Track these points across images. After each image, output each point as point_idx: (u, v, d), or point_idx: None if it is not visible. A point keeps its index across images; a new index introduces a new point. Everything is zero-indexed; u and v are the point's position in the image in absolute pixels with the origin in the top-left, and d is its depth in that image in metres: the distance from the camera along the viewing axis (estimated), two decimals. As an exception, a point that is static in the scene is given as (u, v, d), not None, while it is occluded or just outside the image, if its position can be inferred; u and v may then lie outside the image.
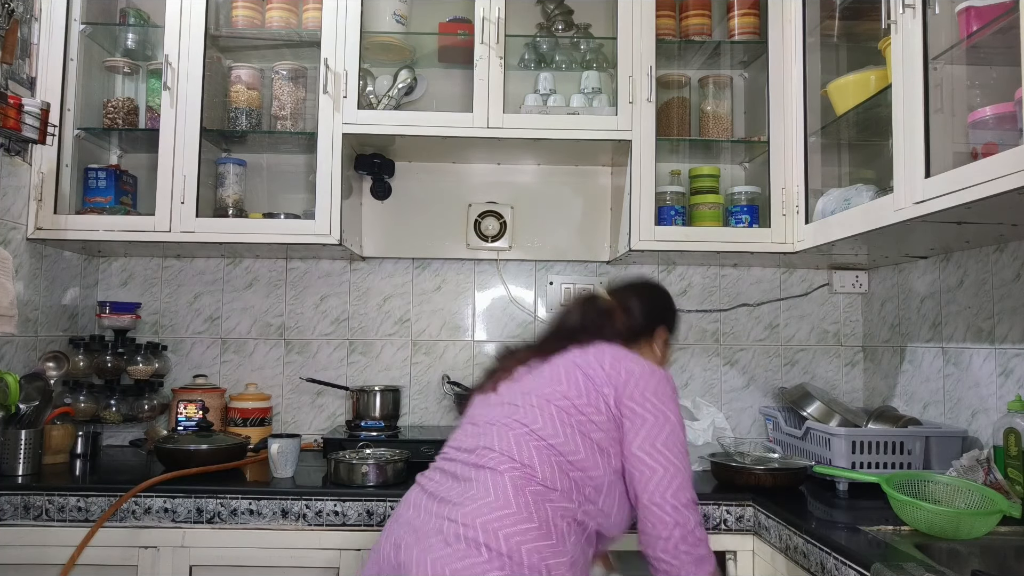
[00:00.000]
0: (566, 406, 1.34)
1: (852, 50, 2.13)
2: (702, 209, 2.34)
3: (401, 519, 1.32)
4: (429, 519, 1.26)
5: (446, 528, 1.22)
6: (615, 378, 1.36)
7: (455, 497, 1.27)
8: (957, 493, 1.55)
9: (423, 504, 1.31)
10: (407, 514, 1.31)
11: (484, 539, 1.19)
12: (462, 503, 1.25)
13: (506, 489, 1.25)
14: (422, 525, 1.26)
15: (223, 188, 2.35)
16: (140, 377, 2.34)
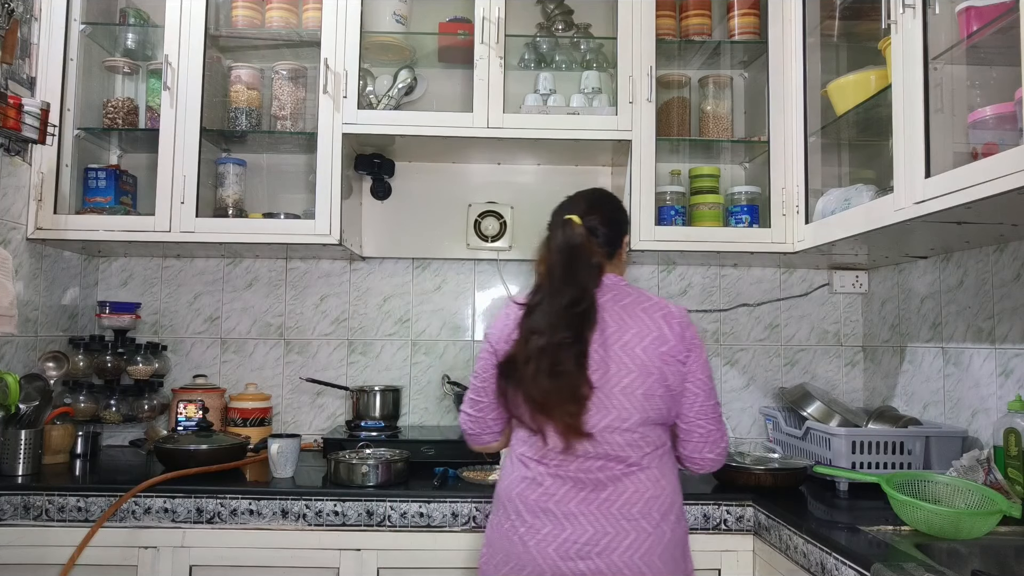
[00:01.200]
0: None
1: (852, 50, 2.12)
2: (702, 209, 2.34)
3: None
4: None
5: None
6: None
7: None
8: (957, 493, 1.55)
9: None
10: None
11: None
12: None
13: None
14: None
15: (223, 188, 2.35)
16: (140, 377, 2.34)
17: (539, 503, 1.43)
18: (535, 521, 1.42)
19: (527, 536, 1.42)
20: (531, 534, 1.42)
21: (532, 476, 1.45)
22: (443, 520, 1.79)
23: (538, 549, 1.41)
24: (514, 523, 1.44)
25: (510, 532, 1.45)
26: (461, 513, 1.79)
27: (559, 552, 1.39)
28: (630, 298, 1.52)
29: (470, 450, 2.06)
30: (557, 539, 1.40)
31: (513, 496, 1.46)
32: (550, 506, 1.42)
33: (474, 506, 1.80)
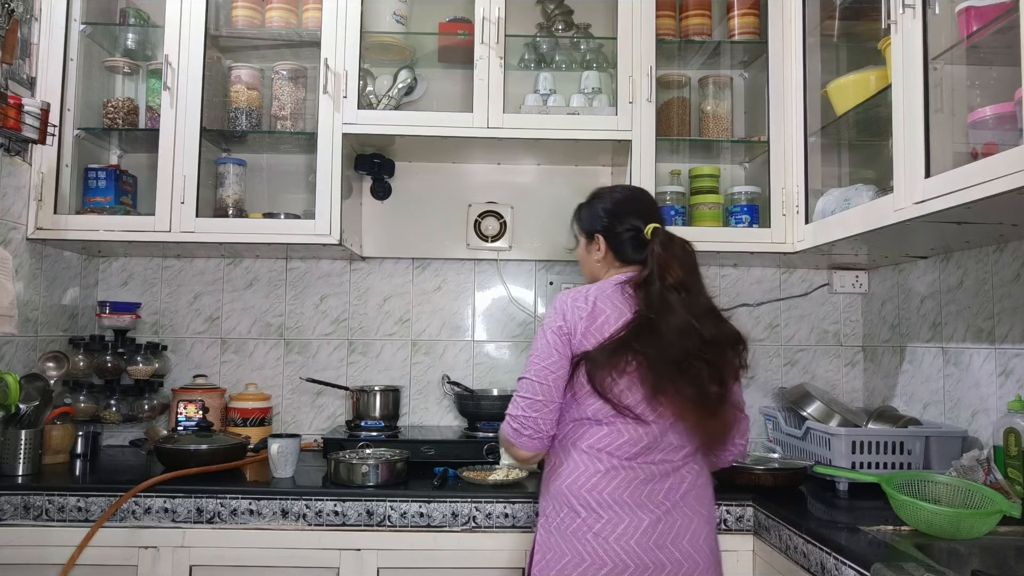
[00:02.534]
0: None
1: (852, 50, 2.12)
2: (702, 209, 2.34)
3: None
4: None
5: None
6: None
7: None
8: (957, 493, 1.55)
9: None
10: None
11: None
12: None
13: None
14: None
15: (223, 188, 2.35)
16: (140, 377, 2.34)
17: (615, 496, 1.44)
18: (612, 515, 1.43)
19: (605, 531, 1.43)
20: (610, 528, 1.43)
21: (606, 469, 1.46)
22: (443, 520, 1.79)
23: (619, 543, 1.42)
24: (586, 520, 1.44)
25: (582, 530, 1.44)
26: (461, 513, 1.79)
27: (640, 544, 1.42)
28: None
29: (469, 450, 2.07)
30: (637, 531, 1.42)
31: (583, 492, 1.46)
32: (625, 497, 1.44)
33: (474, 506, 1.79)
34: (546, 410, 1.48)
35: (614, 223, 1.61)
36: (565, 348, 1.48)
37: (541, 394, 1.48)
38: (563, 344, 1.48)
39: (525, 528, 1.79)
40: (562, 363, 1.48)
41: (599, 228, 1.63)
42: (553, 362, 1.48)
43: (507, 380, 2.52)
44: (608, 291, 1.52)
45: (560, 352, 1.48)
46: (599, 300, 1.50)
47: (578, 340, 1.48)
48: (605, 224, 1.62)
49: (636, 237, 1.58)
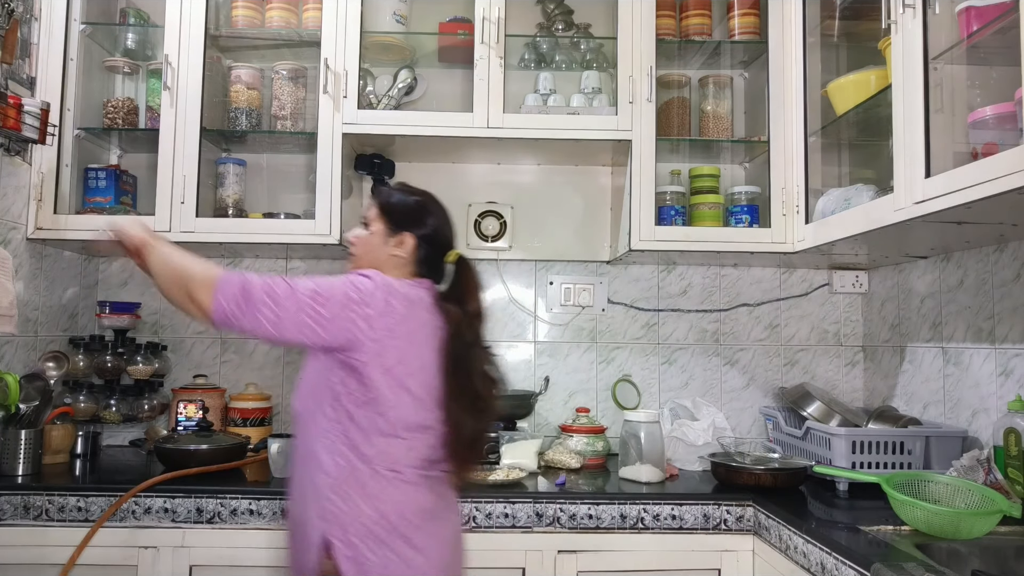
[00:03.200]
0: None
1: (852, 50, 2.12)
2: (702, 209, 2.34)
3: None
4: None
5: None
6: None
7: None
8: (957, 493, 1.55)
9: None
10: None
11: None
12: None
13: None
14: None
15: (223, 188, 2.35)
16: (140, 377, 2.34)
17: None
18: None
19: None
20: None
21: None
22: (443, 520, 1.79)
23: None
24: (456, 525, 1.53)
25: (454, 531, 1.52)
26: (461, 513, 1.79)
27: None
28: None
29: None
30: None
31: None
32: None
33: (474, 506, 1.80)
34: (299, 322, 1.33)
35: (434, 233, 1.50)
36: (363, 321, 1.33)
37: (321, 311, 1.33)
38: (357, 323, 1.33)
39: (525, 528, 1.79)
40: (335, 328, 1.33)
41: (414, 229, 1.49)
42: (333, 315, 1.33)
43: (507, 380, 2.51)
44: (421, 298, 1.43)
45: (346, 324, 1.33)
46: (418, 305, 1.41)
47: (373, 338, 1.34)
48: (420, 226, 1.49)
49: (438, 254, 1.51)
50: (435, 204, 1.55)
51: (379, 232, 1.50)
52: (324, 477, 1.35)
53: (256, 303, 1.36)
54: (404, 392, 1.37)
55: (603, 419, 2.43)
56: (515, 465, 2.02)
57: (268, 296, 1.36)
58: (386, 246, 1.49)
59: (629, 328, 2.53)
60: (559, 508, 1.81)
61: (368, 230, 1.52)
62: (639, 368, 2.52)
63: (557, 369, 2.52)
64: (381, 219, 1.51)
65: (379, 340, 1.35)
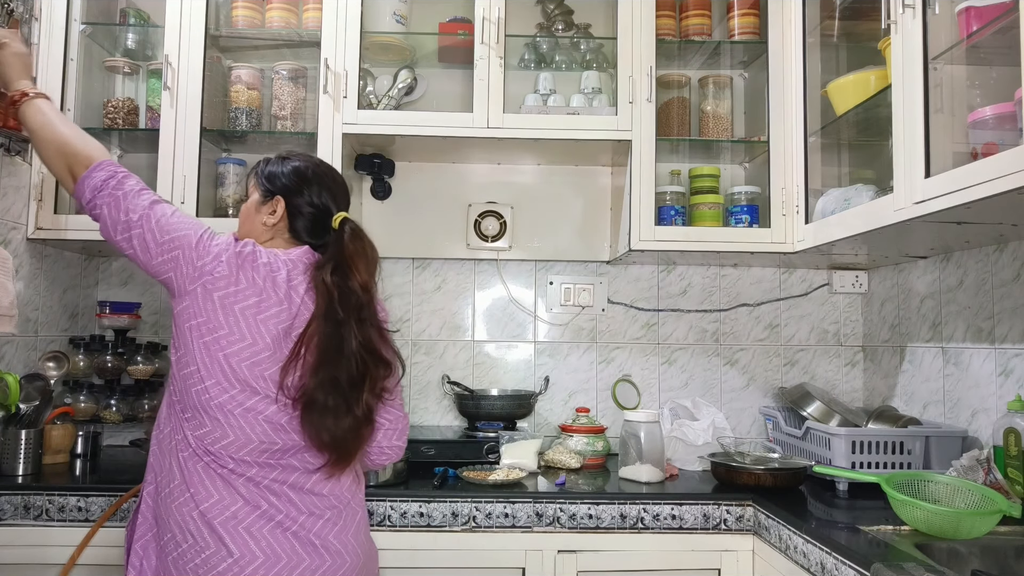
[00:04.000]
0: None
1: (852, 50, 2.12)
2: (702, 209, 2.34)
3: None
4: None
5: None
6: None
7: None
8: (957, 493, 1.55)
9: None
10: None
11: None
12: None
13: None
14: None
15: (223, 188, 2.35)
16: (140, 377, 2.34)
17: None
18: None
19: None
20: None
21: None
22: (443, 520, 1.79)
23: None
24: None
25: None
26: (461, 513, 1.79)
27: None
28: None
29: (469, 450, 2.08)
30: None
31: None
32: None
33: (474, 506, 1.80)
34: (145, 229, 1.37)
35: (303, 192, 1.45)
36: (186, 264, 1.36)
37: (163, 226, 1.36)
38: (181, 265, 1.36)
39: (525, 528, 1.79)
40: (173, 253, 1.36)
41: (283, 191, 1.45)
42: (163, 244, 1.36)
43: (507, 380, 2.52)
44: (272, 265, 1.36)
45: (169, 262, 1.37)
46: (264, 271, 1.35)
47: (188, 290, 1.35)
48: (292, 190, 1.45)
49: (318, 217, 1.45)
50: (315, 167, 1.50)
51: (254, 200, 1.48)
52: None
53: (106, 196, 1.38)
54: (216, 365, 1.30)
55: (603, 419, 2.43)
56: (515, 465, 2.02)
57: (122, 196, 1.38)
58: (259, 214, 1.46)
59: (629, 328, 2.54)
60: (559, 508, 1.81)
61: (248, 200, 1.50)
62: (639, 368, 2.52)
63: (557, 369, 2.52)
64: (256, 187, 1.49)
65: (192, 293, 1.35)
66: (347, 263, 1.38)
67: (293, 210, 1.45)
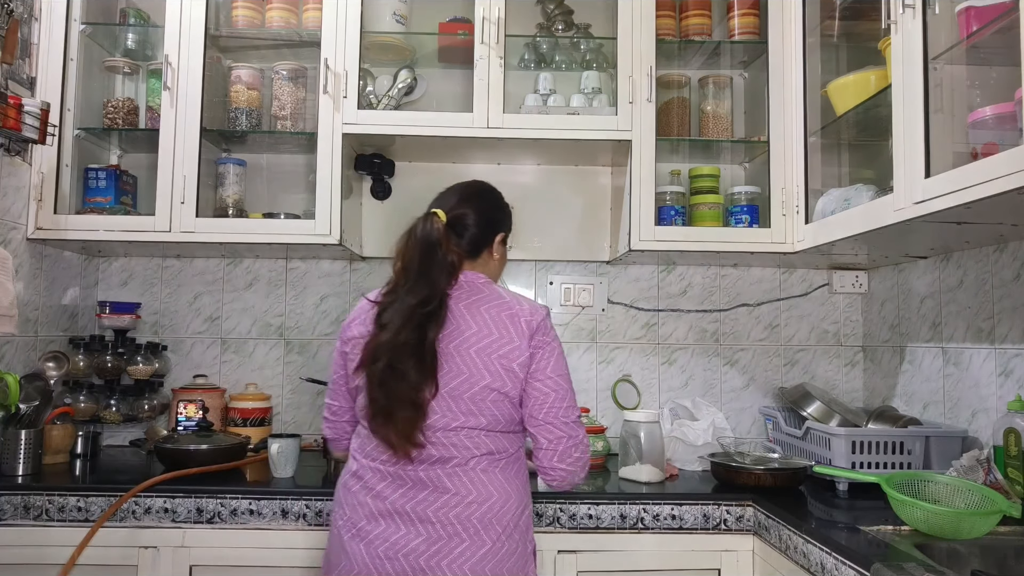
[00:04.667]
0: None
1: (852, 50, 2.12)
2: (702, 209, 2.34)
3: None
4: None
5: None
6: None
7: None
8: (957, 493, 1.55)
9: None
10: None
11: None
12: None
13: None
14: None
15: (223, 188, 2.35)
16: (140, 377, 2.34)
17: (358, 497, 1.43)
18: (352, 514, 1.43)
19: (345, 530, 1.43)
20: (347, 527, 1.43)
21: (354, 469, 1.48)
22: (443, 520, 1.79)
23: (354, 547, 1.40)
24: (335, 519, 1.48)
25: (338, 530, 1.46)
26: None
27: (387, 552, 1.37)
28: (478, 296, 1.47)
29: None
30: (369, 536, 1.39)
31: (339, 486, 1.50)
32: (367, 500, 1.41)
33: (474, 506, 1.79)
34: (334, 407, 1.63)
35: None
36: (341, 358, 1.56)
37: (332, 393, 1.64)
38: (340, 356, 1.57)
39: (525, 528, 1.79)
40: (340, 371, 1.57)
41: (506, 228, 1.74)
42: (337, 374, 1.60)
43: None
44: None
45: (338, 363, 1.58)
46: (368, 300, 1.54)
47: (345, 343, 1.54)
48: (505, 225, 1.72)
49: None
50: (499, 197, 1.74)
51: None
52: None
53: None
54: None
55: (603, 419, 2.43)
56: (515, 465, 2.01)
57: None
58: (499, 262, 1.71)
59: (629, 328, 2.54)
60: (559, 508, 1.81)
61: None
62: (639, 368, 2.52)
63: (557, 369, 2.52)
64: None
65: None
66: (395, 260, 1.55)
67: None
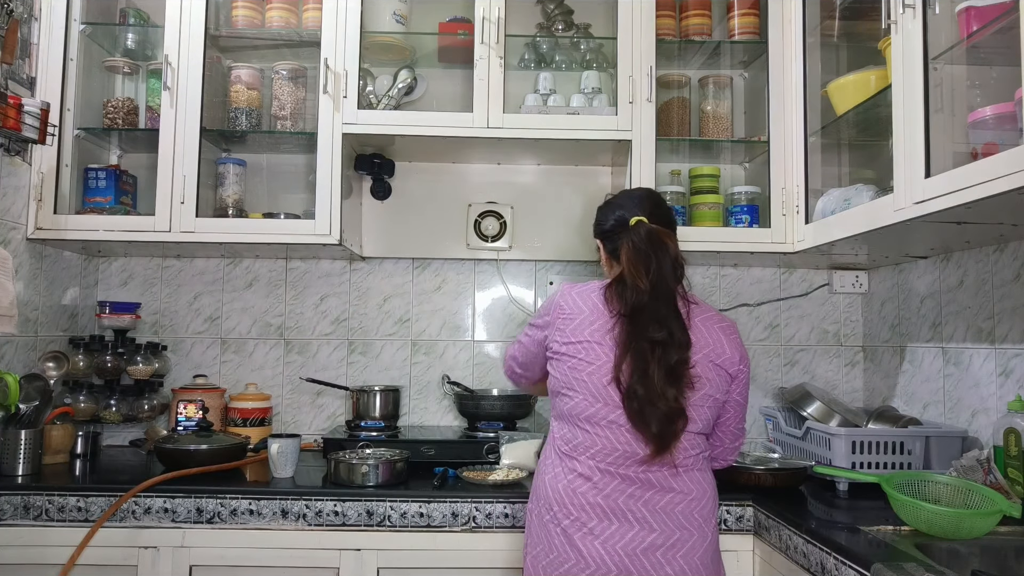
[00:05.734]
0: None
1: (852, 50, 2.12)
2: (702, 209, 2.34)
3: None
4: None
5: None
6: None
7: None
8: (957, 493, 1.55)
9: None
10: None
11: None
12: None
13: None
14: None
15: (223, 188, 2.35)
16: (140, 377, 2.34)
17: (587, 498, 1.44)
18: (582, 515, 1.43)
19: (571, 528, 1.43)
20: (576, 527, 1.43)
21: (581, 471, 1.46)
22: (443, 520, 1.79)
23: (585, 543, 1.42)
24: (555, 515, 1.45)
25: (553, 525, 1.45)
26: (461, 513, 1.79)
27: (606, 548, 1.41)
28: (690, 307, 1.53)
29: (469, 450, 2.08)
30: (603, 535, 1.42)
31: (559, 488, 1.47)
32: (599, 500, 1.44)
33: (474, 506, 1.79)
34: (529, 373, 1.69)
35: (603, 223, 1.64)
36: (540, 346, 1.59)
37: (526, 361, 1.66)
38: (539, 341, 1.59)
39: (525, 528, 1.79)
40: (539, 357, 1.61)
41: (597, 233, 1.67)
42: (533, 354, 1.62)
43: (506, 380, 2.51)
44: (593, 290, 1.54)
45: (536, 349, 1.61)
46: (581, 298, 1.53)
47: (552, 337, 1.54)
48: (600, 227, 1.65)
49: (621, 233, 1.57)
50: (613, 197, 1.71)
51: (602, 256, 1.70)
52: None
53: (507, 368, 1.77)
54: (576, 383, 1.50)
55: (603, 419, 2.42)
56: (515, 465, 2.02)
57: (508, 358, 1.75)
58: (602, 263, 1.69)
59: (629, 328, 2.53)
60: (559, 508, 1.80)
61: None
62: (639, 368, 2.52)
63: (557, 369, 2.52)
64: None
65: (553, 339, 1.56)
66: (628, 270, 1.49)
67: (607, 243, 1.63)
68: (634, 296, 1.46)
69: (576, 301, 1.53)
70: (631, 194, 1.67)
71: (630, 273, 1.48)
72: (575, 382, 1.48)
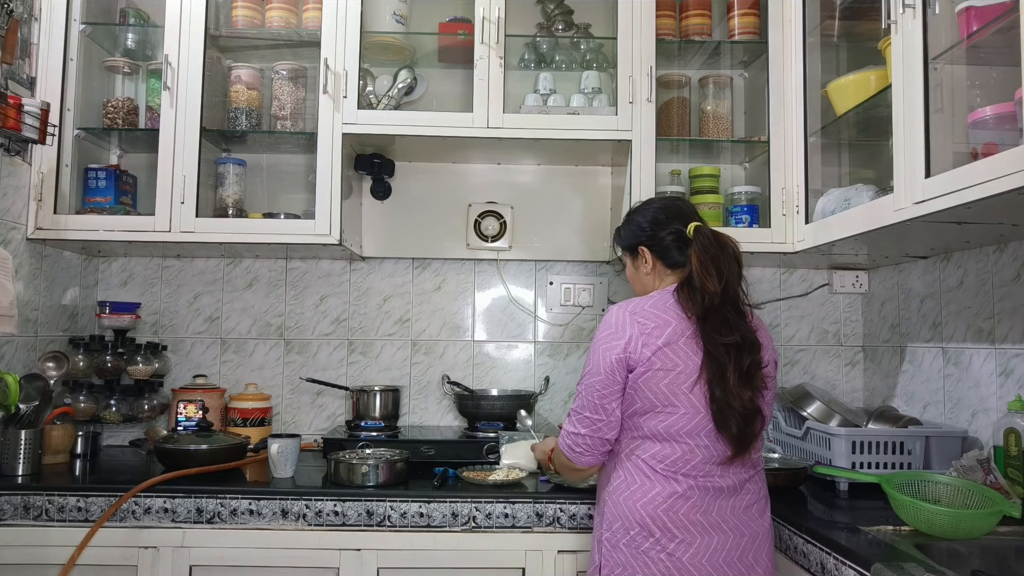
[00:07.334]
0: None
1: (852, 50, 2.12)
2: (702, 209, 2.32)
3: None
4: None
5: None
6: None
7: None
8: (957, 493, 1.55)
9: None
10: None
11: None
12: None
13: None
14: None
15: (223, 188, 2.35)
16: (140, 377, 2.34)
17: (689, 516, 1.44)
18: (687, 535, 1.43)
19: (679, 551, 1.42)
20: (684, 549, 1.42)
21: (681, 491, 1.44)
22: (443, 520, 1.79)
23: (693, 563, 1.42)
24: (659, 540, 1.43)
25: (655, 549, 1.43)
26: (461, 513, 1.79)
27: (711, 562, 1.42)
28: (746, 308, 1.57)
29: (469, 450, 2.06)
30: (709, 549, 1.43)
31: (659, 513, 1.44)
32: (698, 517, 1.44)
33: (474, 506, 1.79)
34: (602, 426, 1.49)
35: (656, 230, 1.60)
36: (623, 374, 1.47)
37: (599, 412, 1.49)
38: (622, 371, 1.47)
39: (525, 528, 1.79)
40: (619, 390, 1.48)
41: (642, 240, 1.62)
42: (610, 391, 1.48)
43: (507, 380, 2.52)
44: (660, 300, 1.52)
45: (619, 380, 1.48)
46: (654, 311, 1.50)
47: (636, 359, 1.46)
48: (648, 234, 1.61)
49: (679, 239, 1.57)
50: (645, 205, 1.68)
51: (629, 263, 1.68)
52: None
53: (566, 447, 1.56)
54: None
55: (603, 419, 2.42)
56: (515, 465, 2.02)
57: (566, 436, 1.56)
58: (639, 271, 1.64)
59: (629, 328, 2.53)
60: (559, 508, 1.81)
61: (626, 267, 1.69)
62: (639, 368, 2.52)
63: (557, 369, 2.52)
64: (623, 251, 1.68)
65: (638, 360, 1.48)
66: (698, 273, 1.49)
67: (657, 249, 1.60)
68: (706, 299, 1.47)
69: (646, 309, 1.50)
70: (670, 204, 1.65)
71: (700, 275, 1.48)
72: (673, 396, 1.45)
